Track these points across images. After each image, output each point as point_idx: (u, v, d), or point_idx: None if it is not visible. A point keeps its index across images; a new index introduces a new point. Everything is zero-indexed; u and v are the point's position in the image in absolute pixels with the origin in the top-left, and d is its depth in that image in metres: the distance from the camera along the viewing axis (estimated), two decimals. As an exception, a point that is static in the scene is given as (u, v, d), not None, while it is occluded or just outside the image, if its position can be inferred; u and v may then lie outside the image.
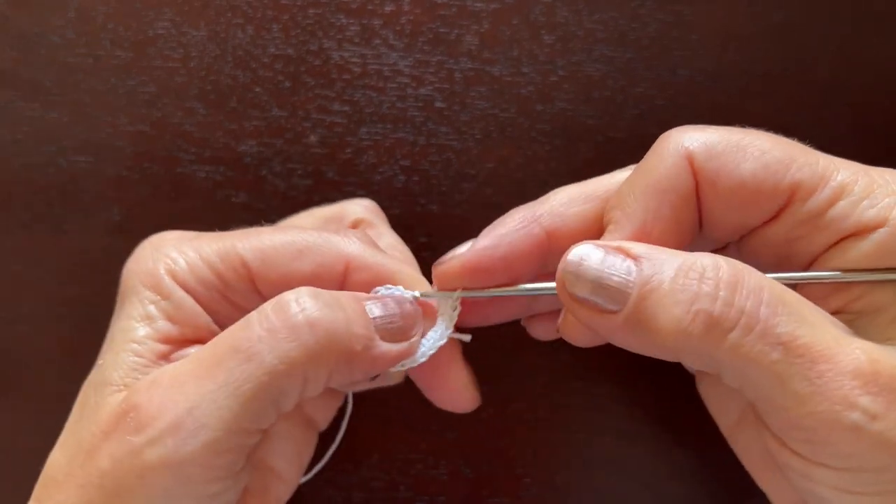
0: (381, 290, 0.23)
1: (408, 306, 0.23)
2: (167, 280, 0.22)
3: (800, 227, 0.21)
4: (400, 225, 0.28)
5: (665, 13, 0.30)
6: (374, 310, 0.22)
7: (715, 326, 0.19)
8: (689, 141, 0.21)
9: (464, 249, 0.23)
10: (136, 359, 0.21)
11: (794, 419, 0.18)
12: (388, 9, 0.31)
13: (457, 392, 0.24)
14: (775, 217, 0.21)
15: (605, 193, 0.23)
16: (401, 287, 0.23)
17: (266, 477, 0.25)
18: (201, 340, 0.22)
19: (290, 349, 0.20)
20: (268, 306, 0.21)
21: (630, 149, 0.30)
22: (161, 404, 0.20)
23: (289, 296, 0.21)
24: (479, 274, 0.23)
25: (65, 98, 0.31)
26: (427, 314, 0.24)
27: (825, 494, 0.19)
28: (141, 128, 0.31)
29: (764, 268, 0.20)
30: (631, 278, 0.20)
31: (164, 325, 0.22)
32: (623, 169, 0.23)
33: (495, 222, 0.23)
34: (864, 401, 0.18)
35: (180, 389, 0.20)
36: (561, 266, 0.21)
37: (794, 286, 0.20)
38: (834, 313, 0.20)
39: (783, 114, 0.30)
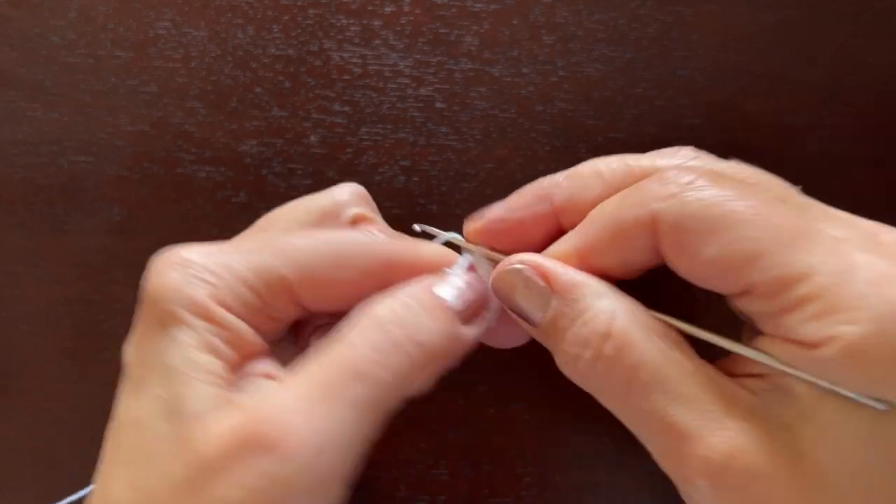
0: (451, 271, 0.24)
1: (475, 283, 0.24)
2: (217, 309, 0.21)
3: (755, 314, 0.21)
4: (400, 225, 0.29)
5: (665, 13, 0.30)
6: (445, 291, 0.23)
7: (592, 386, 0.22)
8: (663, 204, 0.21)
9: (487, 212, 0.25)
10: (216, 389, 0.20)
11: (661, 466, 0.21)
12: (388, 9, 0.31)
13: (517, 329, 0.25)
14: (737, 295, 0.21)
15: (624, 181, 0.23)
16: (458, 260, 0.25)
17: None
18: (254, 356, 0.22)
19: (400, 365, 0.21)
20: (366, 320, 0.22)
21: (630, 149, 0.30)
22: (289, 427, 0.19)
23: (385, 312, 0.22)
24: (495, 238, 0.25)
25: (65, 98, 0.31)
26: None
27: None
28: (141, 128, 0.31)
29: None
30: (545, 307, 0.22)
31: (228, 353, 0.21)
32: (666, 150, 0.25)
33: (513, 193, 0.25)
34: (703, 486, 0.19)
35: (304, 411, 0.20)
36: (495, 271, 0.24)
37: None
38: (755, 377, 0.21)
39: (783, 114, 0.30)
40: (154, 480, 0.19)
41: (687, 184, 0.21)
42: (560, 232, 0.24)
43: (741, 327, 0.23)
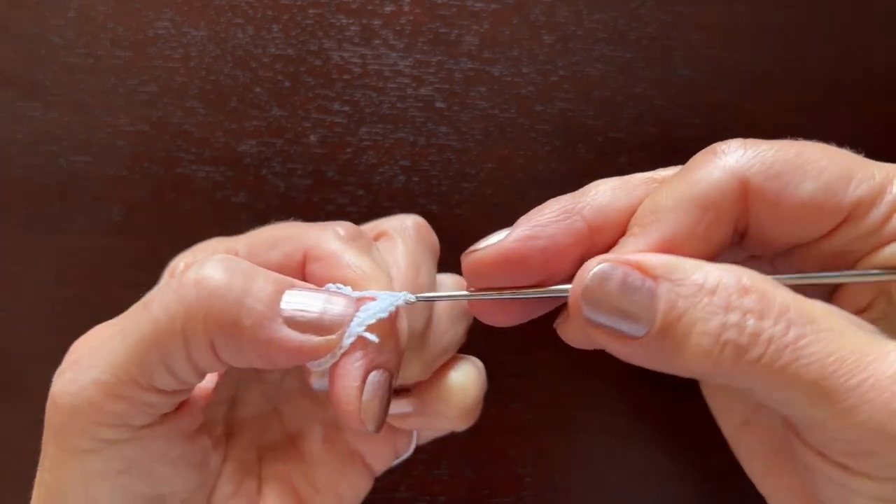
0: (331, 286, 0.21)
1: (337, 303, 0.20)
2: (180, 269, 0.24)
3: (854, 242, 0.20)
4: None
5: (665, 13, 0.30)
6: (294, 296, 0.20)
7: (745, 354, 0.18)
8: (745, 159, 0.20)
9: (498, 238, 0.21)
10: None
11: (836, 432, 0.18)
12: (388, 9, 0.31)
13: (342, 405, 0.21)
14: (830, 232, 0.21)
15: (647, 188, 0.21)
16: (349, 288, 0.21)
17: (286, 496, 0.24)
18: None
19: (171, 301, 0.19)
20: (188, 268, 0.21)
21: (630, 149, 0.31)
22: (80, 344, 0.22)
23: (205, 259, 0.20)
24: (516, 267, 0.21)
25: (65, 98, 0.31)
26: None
27: None
28: (141, 128, 0.31)
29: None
30: (654, 304, 0.19)
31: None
32: (665, 169, 0.22)
33: (531, 212, 0.21)
34: None
35: (96, 332, 0.21)
36: (576, 286, 0.19)
37: (808, 287, 0.20)
38: (860, 311, 0.20)
39: (783, 114, 0.30)
40: None
41: (748, 142, 0.20)
42: (586, 258, 0.20)
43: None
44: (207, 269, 0.20)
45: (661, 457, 0.30)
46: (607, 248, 0.21)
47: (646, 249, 0.20)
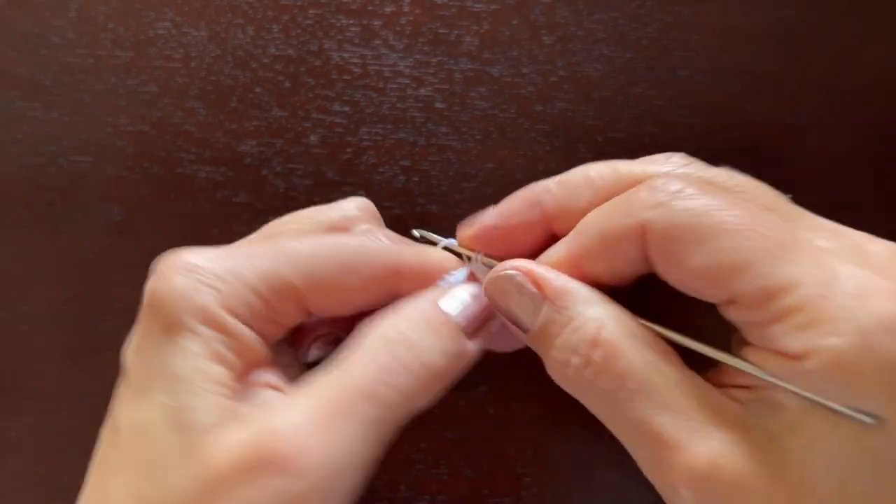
0: (445, 281, 0.25)
1: (481, 296, 0.24)
2: (226, 317, 0.21)
3: (741, 323, 0.21)
4: (400, 225, 0.28)
5: (665, 13, 0.30)
6: (449, 305, 0.23)
7: (578, 391, 0.22)
8: (655, 212, 0.21)
9: (479, 218, 0.25)
10: (224, 400, 0.20)
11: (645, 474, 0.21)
12: (388, 9, 0.31)
13: (512, 337, 0.25)
14: (724, 304, 0.21)
15: (615, 187, 0.23)
16: (458, 272, 0.25)
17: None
18: (258, 364, 0.22)
19: (410, 386, 0.21)
20: (378, 339, 0.22)
21: (630, 149, 0.31)
22: (301, 445, 0.19)
23: (398, 336, 0.22)
24: (488, 244, 0.25)
25: (65, 98, 0.31)
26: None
27: None
28: (141, 128, 0.31)
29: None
30: (535, 315, 0.22)
31: (235, 362, 0.21)
32: (656, 156, 0.25)
33: (505, 199, 0.25)
34: (687, 495, 0.19)
35: (315, 430, 0.19)
36: (487, 277, 0.24)
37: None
38: (744, 388, 0.21)
39: (783, 114, 0.30)
40: (160, 492, 0.19)
41: (676, 192, 0.21)
42: (552, 238, 0.24)
43: (730, 337, 0.23)
44: (421, 344, 0.22)
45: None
46: (567, 232, 0.24)
47: (563, 258, 0.23)
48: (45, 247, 0.31)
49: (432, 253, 0.25)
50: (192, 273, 0.21)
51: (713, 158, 0.24)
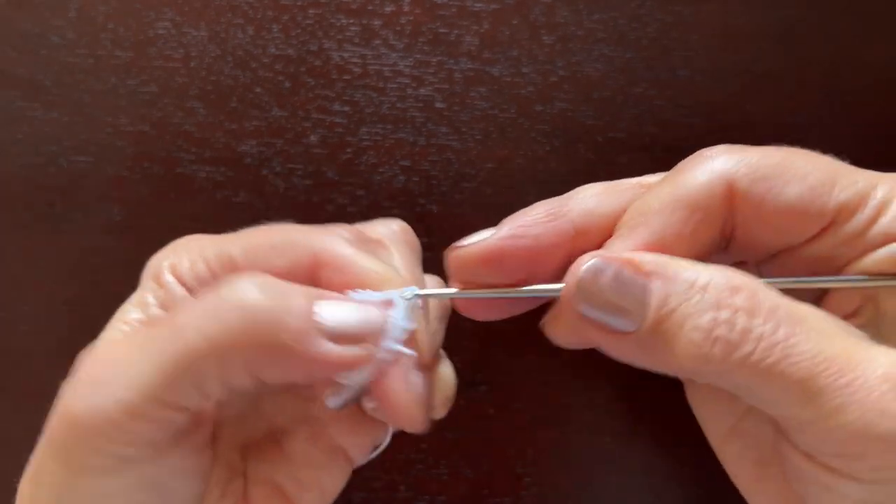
0: (354, 295, 0.21)
1: (372, 312, 0.21)
2: (166, 273, 0.22)
3: (839, 246, 0.21)
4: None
5: (665, 13, 0.30)
6: (329, 308, 0.20)
7: (734, 352, 0.18)
8: (730, 163, 0.20)
9: (483, 236, 0.22)
10: (120, 335, 0.22)
11: (824, 433, 0.18)
12: (388, 9, 0.31)
13: (401, 410, 0.21)
14: (815, 237, 0.21)
15: (634, 193, 0.22)
16: (369, 292, 0.21)
17: (272, 496, 0.24)
18: None
19: (210, 327, 0.19)
20: (214, 286, 0.20)
21: (630, 149, 0.31)
22: (94, 362, 0.21)
23: (235, 278, 0.20)
24: (499, 265, 0.21)
25: (65, 98, 0.31)
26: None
27: None
28: (141, 128, 0.31)
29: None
30: (646, 299, 0.19)
31: (155, 312, 0.22)
32: (652, 175, 0.23)
33: (517, 213, 0.22)
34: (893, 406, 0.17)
35: (114, 349, 0.21)
36: (570, 281, 0.20)
37: (800, 291, 0.20)
38: (847, 317, 0.20)
39: (783, 114, 0.30)
40: None
41: (734, 148, 0.21)
42: (570, 261, 0.21)
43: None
44: (243, 289, 0.20)
45: (659, 457, 0.30)
46: (589, 247, 0.21)
47: (633, 249, 0.20)
48: (45, 247, 0.31)
49: (366, 261, 0.22)
50: (171, 248, 0.24)
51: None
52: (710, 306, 0.18)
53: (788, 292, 0.19)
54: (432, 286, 0.26)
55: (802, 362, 0.18)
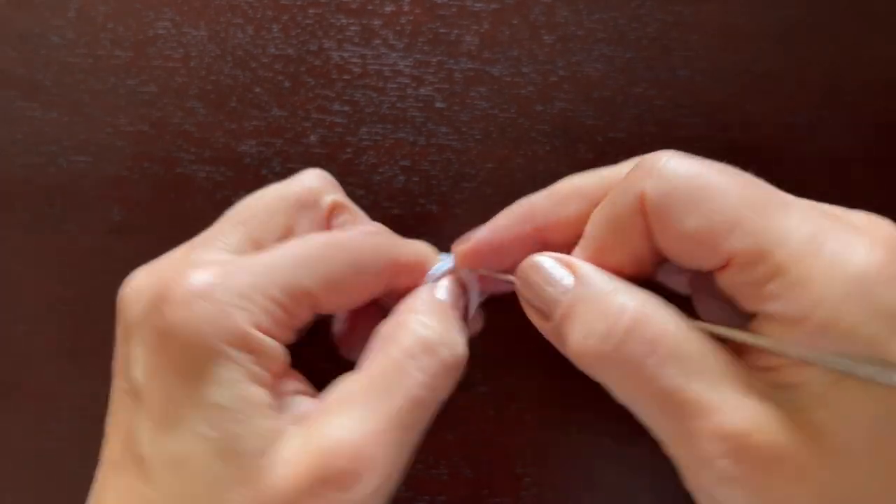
0: (434, 272, 0.26)
1: (468, 285, 0.26)
2: (256, 335, 0.21)
3: (739, 288, 0.21)
4: (400, 225, 0.29)
5: (665, 13, 0.30)
6: (444, 295, 0.25)
7: (603, 362, 0.21)
8: (647, 183, 0.21)
9: (473, 235, 0.26)
10: (269, 422, 0.20)
11: (672, 452, 0.21)
12: (388, 9, 0.31)
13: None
14: (720, 270, 0.21)
15: (603, 191, 0.23)
16: (439, 266, 0.26)
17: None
18: (285, 373, 0.23)
19: (447, 387, 0.23)
20: (415, 344, 0.22)
21: (630, 149, 0.31)
22: (365, 459, 0.20)
23: (437, 340, 0.23)
24: (482, 260, 0.26)
25: (65, 98, 0.31)
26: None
27: None
28: (141, 128, 0.31)
29: (725, 304, 0.22)
30: (561, 297, 0.22)
31: (268, 378, 0.21)
32: (624, 162, 0.24)
33: (497, 216, 0.26)
34: (722, 463, 0.19)
35: (375, 442, 0.20)
36: (517, 270, 0.24)
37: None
38: (768, 370, 0.20)
39: (783, 114, 0.30)
40: None
41: (666, 161, 0.21)
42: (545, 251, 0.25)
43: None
44: (454, 344, 0.23)
45: (659, 457, 0.30)
46: (560, 242, 0.24)
47: (582, 257, 0.23)
48: (45, 247, 0.31)
49: (421, 246, 0.26)
50: (213, 295, 0.20)
51: (713, 158, 0.24)
52: (600, 316, 0.21)
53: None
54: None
55: (657, 397, 0.20)
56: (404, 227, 0.29)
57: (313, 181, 0.26)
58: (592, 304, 0.21)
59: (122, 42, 0.31)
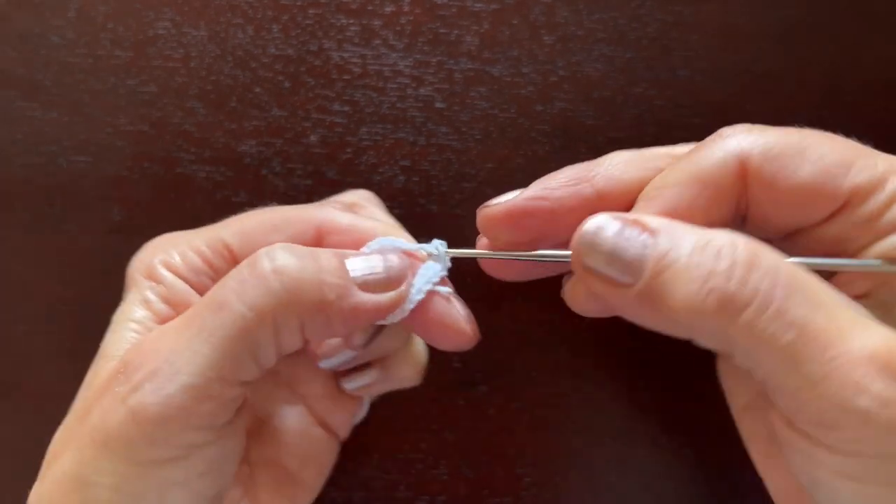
0: (372, 244, 0.23)
1: (393, 259, 0.23)
2: (161, 269, 0.24)
3: (853, 229, 0.21)
4: (400, 225, 0.29)
5: (665, 13, 0.30)
6: (356, 263, 0.22)
7: (728, 304, 0.18)
8: (746, 141, 0.21)
9: (510, 197, 0.23)
10: (134, 335, 0.23)
11: (804, 401, 0.18)
12: (388, 9, 0.31)
13: (451, 330, 0.23)
14: (829, 218, 0.21)
15: (663, 162, 0.22)
16: (390, 238, 0.23)
17: (278, 475, 0.26)
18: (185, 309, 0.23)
19: (258, 296, 0.20)
20: (243, 262, 0.21)
21: (630, 149, 0.31)
22: (144, 355, 0.21)
23: (262, 250, 0.21)
24: (523, 223, 0.23)
25: (65, 98, 0.31)
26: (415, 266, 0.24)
27: (827, 480, 0.19)
28: (141, 128, 0.31)
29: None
30: (646, 252, 0.19)
31: (160, 307, 0.23)
32: (684, 144, 0.23)
33: (545, 176, 0.23)
34: (877, 386, 0.17)
35: (161, 341, 0.21)
36: (576, 235, 0.21)
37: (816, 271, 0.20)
38: (860, 297, 0.20)
39: (783, 114, 0.30)
40: (69, 419, 0.22)
41: (755, 127, 0.21)
42: None
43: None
44: (279, 257, 0.21)
45: (660, 457, 0.30)
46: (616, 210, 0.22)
47: (658, 213, 0.21)
48: (45, 247, 0.31)
49: (364, 220, 0.25)
50: (155, 246, 0.25)
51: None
52: (711, 257, 0.19)
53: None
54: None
55: (792, 328, 0.18)
56: (404, 226, 0.29)
57: (352, 197, 0.28)
58: (695, 248, 0.19)
59: (123, 42, 0.31)
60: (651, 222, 0.20)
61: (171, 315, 0.23)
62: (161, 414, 0.20)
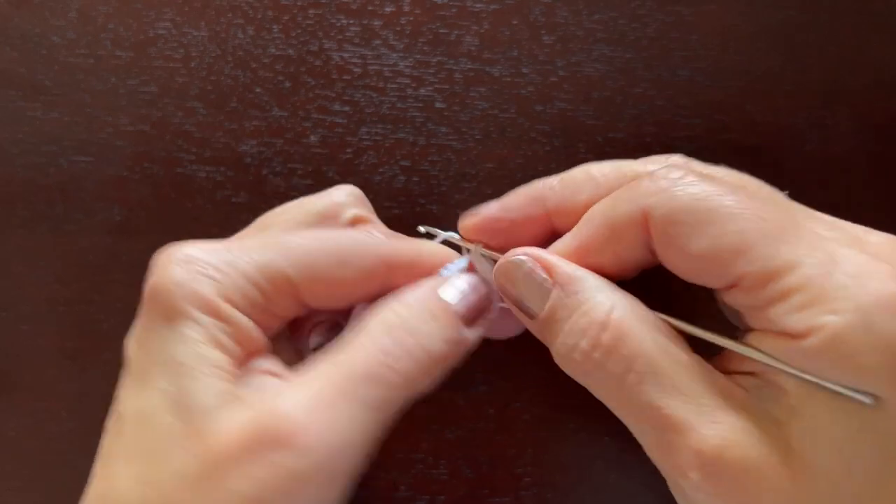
0: (445, 270, 0.25)
1: (479, 286, 0.24)
2: (224, 305, 0.21)
3: (742, 307, 0.21)
4: (400, 225, 0.28)
5: (665, 13, 0.30)
6: (450, 295, 0.24)
7: (586, 375, 0.22)
8: (656, 197, 0.21)
9: (481, 210, 0.26)
10: (223, 384, 0.20)
11: (657, 461, 0.21)
12: (388, 9, 0.31)
13: (513, 321, 0.26)
14: (725, 289, 0.21)
15: (617, 183, 0.24)
16: (456, 262, 0.25)
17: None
18: (257, 353, 0.22)
19: (409, 369, 0.21)
20: (377, 329, 0.22)
21: (630, 149, 0.31)
22: (302, 424, 0.19)
23: (393, 319, 0.22)
24: (489, 234, 0.26)
25: (65, 98, 0.31)
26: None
27: None
28: (141, 128, 0.31)
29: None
30: (544, 300, 0.23)
31: (234, 349, 0.21)
32: (656, 157, 0.24)
33: (508, 193, 0.26)
34: (696, 477, 0.19)
35: (316, 410, 0.20)
36: (497, 265, 0.24)
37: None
38: (749, 374, 0.21)
39: (783, 114, 0.30)
40: (165, 475, 0.19)
41: (676, 179, 0.21)
42: (553, 234, 0.25)
43: (731, 326, 0.23)
44: (422, 332, 0.22)
45: (661, 457, 0.30)
46: (567, 228, 0.24)
47: (570, 249, 0.23)
48: (45, 247, 0.31)
49: (426, 246, 0.25)
50: (190, 264, 0.21)
51: (713, 158, 0.24)
52: (579, 331, 0.21)
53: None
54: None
55: (643, 410, 0.20)
56: (404, 227, 0.29)
57: (340, 196, 0.26)
58: (574, 314, 0.22)
59: (123, 42, 0.31)
60: (559, 272, 0.23)
61: (241, 356, 0.22)
62: (330, 481, 0.20)
